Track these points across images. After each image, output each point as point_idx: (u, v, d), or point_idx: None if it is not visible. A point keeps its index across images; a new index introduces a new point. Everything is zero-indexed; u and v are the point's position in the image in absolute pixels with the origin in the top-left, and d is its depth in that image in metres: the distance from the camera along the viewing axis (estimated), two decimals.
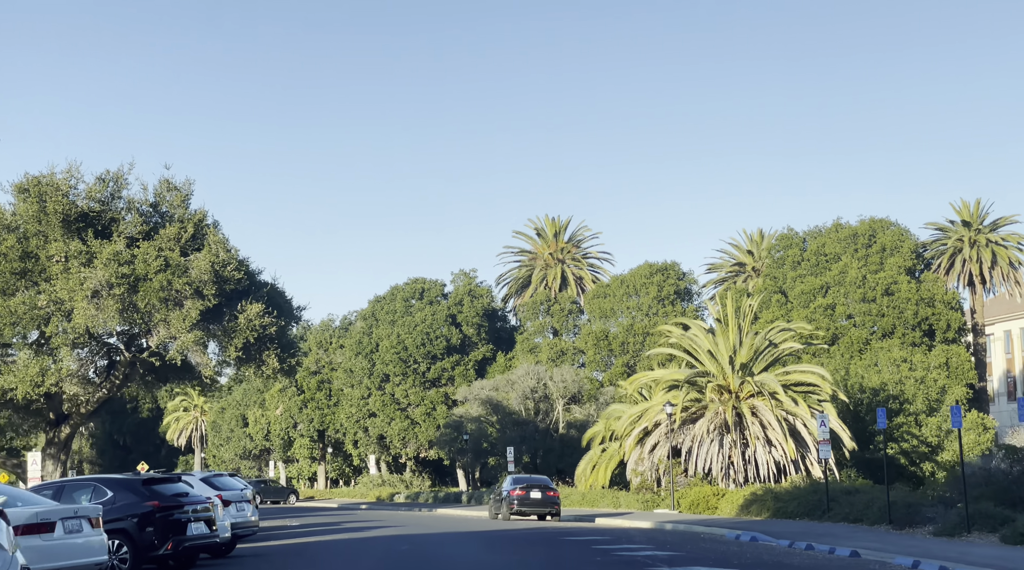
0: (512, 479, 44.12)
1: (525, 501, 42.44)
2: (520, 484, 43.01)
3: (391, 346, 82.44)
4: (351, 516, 50.66)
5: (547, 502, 42.45)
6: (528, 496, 42.40)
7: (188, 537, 19.23)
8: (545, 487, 42.87)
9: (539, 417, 75.46)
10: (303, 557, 23.62)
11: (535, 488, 42.72)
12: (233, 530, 23.85)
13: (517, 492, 42.51)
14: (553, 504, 42.54)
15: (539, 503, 42.47)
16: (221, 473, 25.03)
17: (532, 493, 42.53)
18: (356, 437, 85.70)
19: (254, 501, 24.82)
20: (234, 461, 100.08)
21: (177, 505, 19.21)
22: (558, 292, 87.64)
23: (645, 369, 58.53)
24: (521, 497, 42.35)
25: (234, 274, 46.07)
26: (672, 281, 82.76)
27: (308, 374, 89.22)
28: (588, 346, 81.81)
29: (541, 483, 43.41)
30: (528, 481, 43.54)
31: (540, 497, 42.38)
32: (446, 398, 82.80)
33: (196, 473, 25.12)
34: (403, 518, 48.36)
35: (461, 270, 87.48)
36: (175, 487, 19.81)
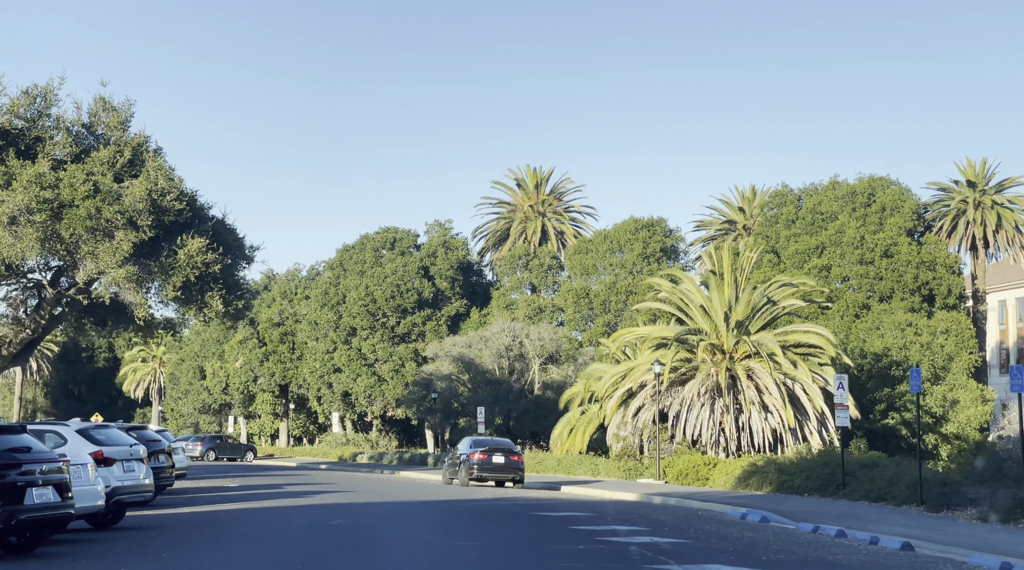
0: (472, 441, 40.28)
1: (486, 466, 38.58)
2: (481, 447, 39.11)
3: (359, 298, 77.08)
4: (303, 478, 45.52)
5: (510, 467, 38.71)
6: (490, 461, 38.56)
7: (26, 507, 14.00)
8: (508, 451, 39.20)
9: (514, 377, 70.47)
10: (203, 531, 18.46)
11: (498, 452, 38.90)
12: (119, 496, 18.62)
13: (478, 456, 38.62)
14: (516, 470, 38.76)
15: (501, 468, 38.68)
16: (108, 424, 19.71)
17: (494, 457, 38.67)
18: (320, 393, 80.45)
19: (148, 460, 19.49)
20: (192, 415, 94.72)
21: (12, 463, 13.98)
22: (537, 246, 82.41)
23: (629, 326, 53.37)
24: (482, 462, 38.51)
25: (174, 205, 40.59)
26: (658, 238, 77.68)
27: (271, 325, 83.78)
28: (568, 304, 76.78)
29: (504, 447, 39.69)
30: (490, 444, 39.71)
31: (503, 462, 38.59)
32: (416, 355, 77.62)
33: (72, 423, 19.80)
34: (358, 481, 43.27)
35: (436, 220, 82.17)
36: (13, 440, 14.53)
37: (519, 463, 38.89)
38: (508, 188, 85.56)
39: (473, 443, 39.87)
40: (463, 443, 41.14)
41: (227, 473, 51.44)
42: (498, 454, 38.69)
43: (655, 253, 77.18)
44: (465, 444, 40.55)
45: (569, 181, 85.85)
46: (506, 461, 38.60)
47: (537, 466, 50.38)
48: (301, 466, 70.66)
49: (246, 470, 58.32)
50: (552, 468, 49.06)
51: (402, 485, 39.74)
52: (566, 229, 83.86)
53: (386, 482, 42.37)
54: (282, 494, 31.01)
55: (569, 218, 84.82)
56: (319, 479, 44.13)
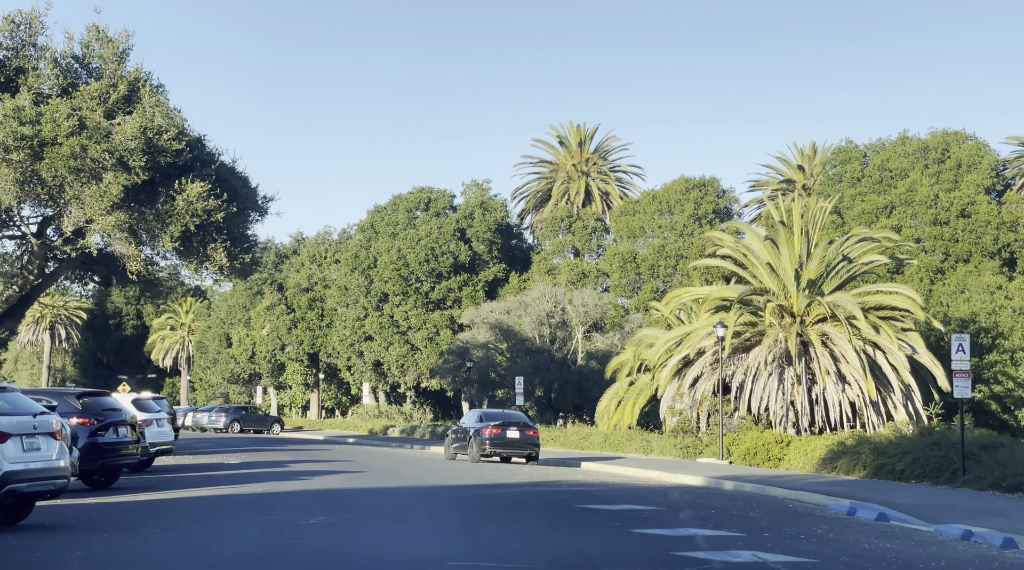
0: (481, 414, 36.83)
1: (499, 441, 35.00)
2: (494, 421, 35.58)
3: (391, 261, 71.83)
4: (321, 453, 40.40)
5: (525, 443, 35.33)
6: (504, 435, 35.00)
7: None
8: (524, 425, 35.77)
9: (555, 346, 65.03)
10: (131, 534, 13.17)
11: (512, 426, 35.34)
12: (12, 483, 13.38)
13: (490, 431, 35.06)
14: (532, 445, 35.41)
15: (516, 444, 35.23)
16: (8, 387, 14.35)
17: (508, 432, 35.12)
18: (350, 363, 75.45)
19: (63, 435, 14.17)
20: (221, 385, 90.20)
21: None
22: (581, 208, 76.70)
23: (683, 288, 47.58)
24: (495, 436, 34.94)
25: (172, 145, 35.43)
26: (711, 199, 71.66)
27: (299, 291, 78.79)
28: (613, 269, 71.07)
29: (519, 420, 36.24)
30: (503, 417, 36.24)
31: (518, 437, 35.15)
32: (451, 322, 72.34)
33: None
34: (380, 457, 38.07)
35: (473, 181, 76.63)
36: None
37: (534, 438, 35.60)
38: (550, 146, 79.85)
39: (484, 416, 36.43)
40: (469, 416, 37.62)
41: (242, 447, 46.51)
42: (512, 428, 35.19)
43: (707, 214, 71.22)
44: (473, 417, 37.02)
45: (615, 138, 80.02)
46: (521, 436, 35.18)
47: (581, 442, 44.95)
48: (328, 439, 65.75)
49: (266, 443, 53.52)
50: (598, 445, 43.60)
51: (426, 463, 34.43)
52: (611, 190, 78.06)
53: (410, 460, 37.08)
54: (280, 475, 25.79)
55: (615, 178, 78.99)
56: (337, 455, 38.96)
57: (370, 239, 75.19)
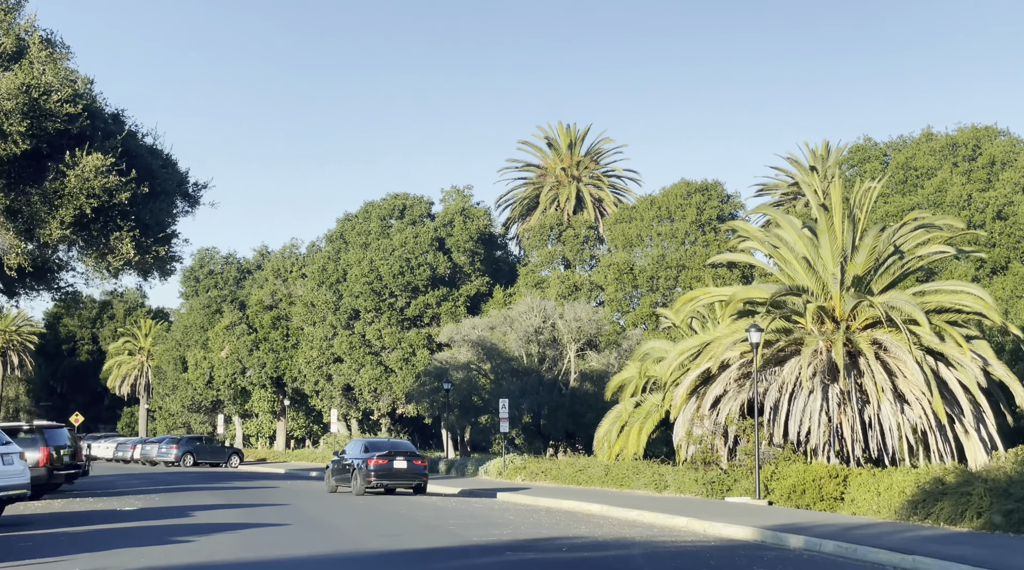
0: (366, 443, 35.31)
1: (385, 472, 33.50)
2: (379, 451, 34.27)
3: (362, 274, 64.18)
4: (259, 495, 32.59)
5: (413, 473, 34.15)
6: (390, 466, 33.71)
7: None
8: (411, 455, 34.68)
9: (545, 366, 57.44)
10: None
11: (399, 456, 34.21)
12: None
13: (376, 461, 33.60)
14: (420, 475, 34.38)
15: (403, 475, 33.96)
16: None
17: (395, 462, 33.90)
18: (318, 387, 67.57)
19: None
20: (182, 414, 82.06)
21: None
22: (571, 216, 69.28)
23: (700, 288, 39.91)
24: (380, 467, 33.51)
25: (64, 108, 27.81)
26: (714, 204, 64.38)
27: (262, 308, 70.97)
28: (608, 281, 63.66)
29: (405, 450, 35.19)
30: (389, 447, 35.01)
31: (405, 467, 33.96)
32: (429, 341, 64.64)
33: None
34: (324, 501, 30.30)
35: (453, 187, 69.14)
36: None
37: (422, 468, 34.47)
38: (537, 149, 72.47)
39: (368, 445, 34.94)
40: (353, 446, 35.93)
41: (177, 485, 38.65)
42: (399, 458, 33.94)
43: (711, 221, 63.89)
44: (356, 447, 35.38)
45: (608, 140, 72.63)
46: (409, 466, 33.91)
47: (577, 475, 37.17)
48: (289, 473, 57.81)
49: (212, 479, 45.71)
50: (598, 478, 35.83)
51: (380, 509, 26.66)
52: (605, 196, 70.66)
53: (362, 505, 29.25)
54: (161, 533, 18.00)
55: (608, 183, 71.62)
56: (276, 497, 31.14)
57: (339, 250, 67.55)
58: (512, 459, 43.98)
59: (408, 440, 72.29)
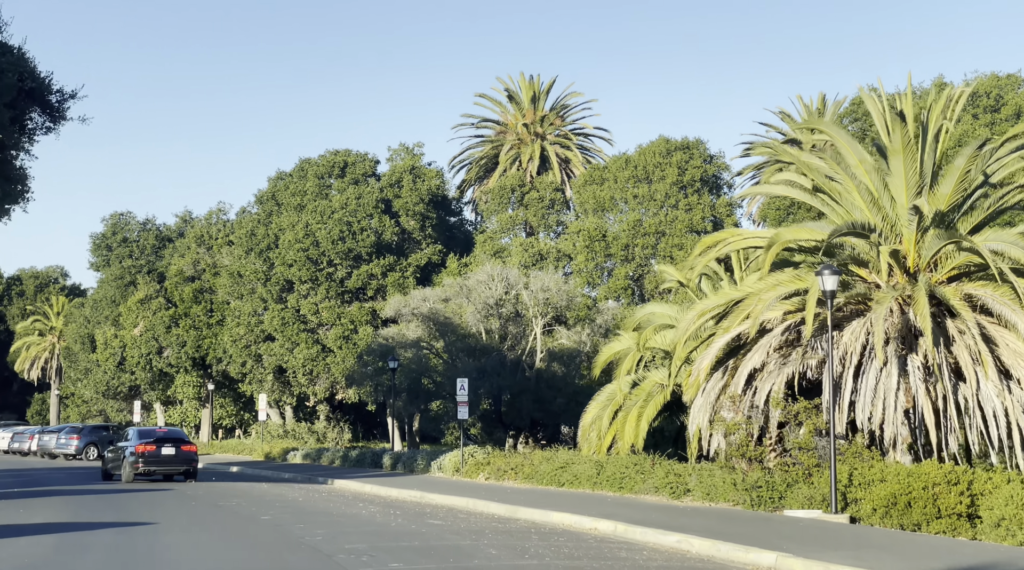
0: (139, 431, 35.59)
1: (154, 459, 33.73)
2: (147, 438, 34.50)
3: (296, 240, 54.96)
4: (131, 504, 23.50)
5: (182, 459, 34.31)
6: (158, 452, 33.90)
7: None
8: (180, 441, 34.87)
9: (507, 343, 48.68)
10: None
11: (167, 443, 34.46)
12: None
13: (144, 448, 33.71)
14: (190, 461, 34.49)
15: (172, 461, 34.15)
16: None
17: (164, 448, 34.12)
18: (245, 369, 58.22)
19: None
20: (97, 400, 72.16)
21: None
22: (535, 177, 60.53)
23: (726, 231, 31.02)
24: (148, 454, 33.63)
25: None
26: (697, 164, 56.04)
27: (182, 280, 61.41)
28: (578, 249, 55.11)
29: (175, 436, 35.37)
30: (156, 434, 35.12)
31: (173, 453, 34.12)
32: (373, 316, 55.62)
33: None
34: (203, 509, 21.28)
35: (401, 144, 59.95)
36: None
37: (192, 454, 34.57)
38: (497, 103, 63.63)
39: (140, 434, 35.04)
40: (131, 432, 35.74)
41: (43, 485, 29.46)
42: (167, 445, 34.19)
43: (694, 182, 55.58)
44: (133, 435, 35.23)
45: (576, 94, 63.90)
46: (177, 452, 34.10)
47: (559, 474, 28.37)
48: (206, 468, 48.58)
49: (97, 479, 36.68)
50: (588, 479, 27.06)
51: (263, 520, 17.71)
52: (572, 156, 61.99)
53: (244, 517, 20.21)
54: None
55: (576, 141, 62.89)
56: (153, 510, 22.06)
57: (271, 214, 58.25)
58: (473, 452, 35.20)
59: (348, 428, 63.18)
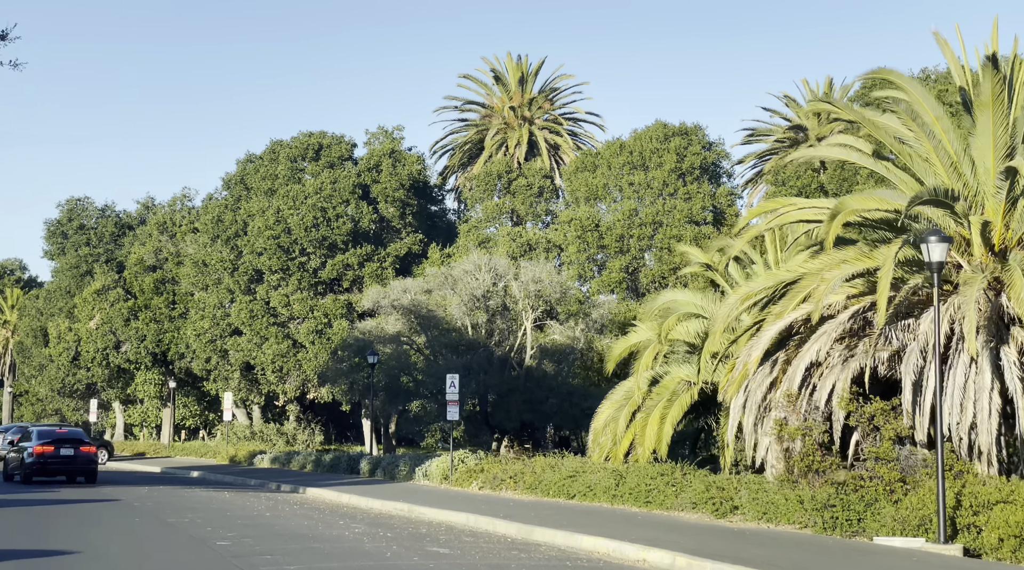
0: (38, 431, 34.46)
1: (53, 460, 32.54)
2: (45, 439, 33.22)
3: (266, 227, 50.59)
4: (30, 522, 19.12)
5: (82, 461, 33.05)
6: (57, 453, 32.70)
7: None
8: (79, 442, 33.57)
9: (494, 339, 44.72)
10: None
11: (66, 443, 33.15)
12: None
13: (42, 449, 32.56)
14: (90, 463, 33.16)
15: (71, 462, 32.91)
16: None
17: (62, 449, 32.83)
18: (210, 365, 53.72)
19: None
20: (52, 399, 67.35)
21: None
22: (523, 162, 56.48)
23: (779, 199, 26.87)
24: (48, 455, 32.44)
25: None
26: (696, 150, 52.20)
27: (142, 270, 56.81)
28: (569, 240, 51.14)
29: (74, 437, 34.05)
30: (57, 435, 33.68)
31: (72, 454, 32.90)
32: (348, 310, 51.34)
33: None
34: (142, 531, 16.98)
35: (380, 127, 55.68)
36: None
37: (91, 455, 33.51)
38: (482, 85, 59.54)
39: (39, 434, 34.27)
40: (33, 433, 35.08)
41: None
42: (66, 446, 33.14)
43: (692, 170, 51.74)
44: (34, 435, 34.60)
45: (566, 76, 59.83)
46: (76, 453, 33.11)
47: (568, 485, 24.24)
48: (164, 473, 44.19)
49: (29, 488, 32.32)
50: (605, 490, 22.95)
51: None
52: (562, 142, 57.98)
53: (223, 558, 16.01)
54: None
55: (566, 126, 58.90)
56: (92, 518, 17.80)
57: (239, 198, 53.81)
58: (463, 458, 31.00)
59: (320, 430, 58.77)
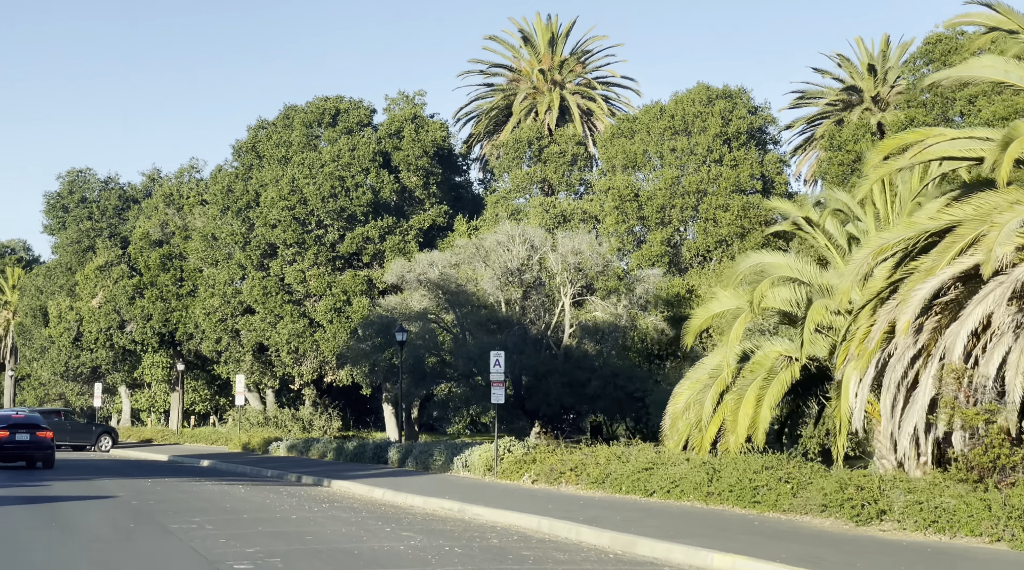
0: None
1: (9, 445, 32.10)
2: (1, 424, 32.51)
3: (280, 198, 46.56)
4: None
5: (36, 446, 32.57)
6: (13, 438, 32.28)
7: None
8: (35, 427, 33.03)
9: (529, 317, 40.69)
10: None
11: (21, 429, 32.69)
12: None
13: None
14: (46, 448, 32.66)
15: (27, 447, 32.47)
16: None
17: (18, 435, 32.42)
18: (221, 346, 49.76)
19: None
20: (55, 383, 63.52)
21: None
22: (554, 128, 52.33)
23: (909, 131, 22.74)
24: (3, 440, 32.03)
25: None
26: (741, 114, 48.07)
27: (148, 245, 52.83)
28: (606, 210, 47.13)
29: (31, 422, 33.38)
30: (13, 421, 33.03)
31: (28, 439, 32.45)
32: (369, 286, 47.32)
33: None
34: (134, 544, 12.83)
35: (400, 93, 51.53)
36: None
37: (47, 440, 32.79)
38: (509, 47, 55.36)
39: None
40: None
41: None
42: (22, 431, 32.59)
43: (739, 135, 47.59)
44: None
45: (599, 38, 55.65)
46: (31, 438, 32.53)
47: (644, 479, 20.21)
48: (171, 461, 40.29)
49: (18, 477, 28.43)
50: (696, 488, 18.89)
51: None
52: (596, 107, 53.82)
53: None
54: None
55: (600, 92, 54.72)
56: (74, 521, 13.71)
57: (250, 167, 49.76)
58: (510, 446, 26.96)
59: (338, 416, 54.80)
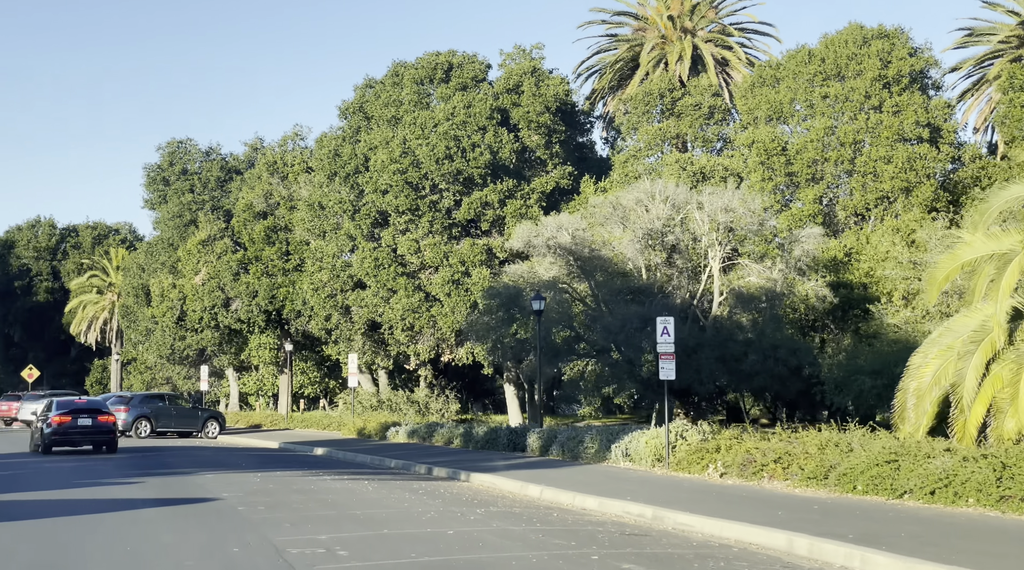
0: (56, 402, 32.60)
1: (70, 431, 31.30)
2: (62, 409, 31.79)
3: (391, 161, 42.35)
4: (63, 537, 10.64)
5: (98, 431, 31.75)
6: (74, 424, 31.41)
7: None
8: (96, 412, 32.13)
9: (672, 284, 35.84)
10: None
11: (83, 414, 31.82)
12: None
13: (59, 419, 31.28)
14: (108, 432, 31.85)
15: (88, 432, 31.69)
16: None
17: (80, 419, 31.53)
18: (330, 324, 45.92)
19: None
20: (161, 366, 60.73)
21: None
22: (686, 80, 47.12)
23: None
24: (63, 426, 31.20)
25: None
26: (901, 55, 42.25)
27: (252, 216, 49.29)
28: (750, 167, 41.84)
29: (92, 407, 32.55)
30: (75, 406, 32.21)
31: (90, 424, 31.61)
32: (489, 256, 42.88)
33: None
34: None
35: (517, 46, 46.86)
36: None
37: (110, 425, 32.04)
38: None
39: (57, 404, 32.47)
40: (53, 404, 32.77)
41: None
42: (83, 416, 31.73)
43: (900, 78, 41.79)
44: (53, 406, 32.48)
45: None
46: (93, 423, 31.70)
47: (888, 476, 15.26)
48: (282, 449, 36.49)
49: (122, 469, 24.74)
50: (979, 490, 13.93)
51: None
52: (731, 56, 48.40)
53: None
54: None
55: (736, 39, 49.29)
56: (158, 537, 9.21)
57: (358, 130, 45.69)
58: (683, 431, 22.19)
59: (455, 398, 50.70)
